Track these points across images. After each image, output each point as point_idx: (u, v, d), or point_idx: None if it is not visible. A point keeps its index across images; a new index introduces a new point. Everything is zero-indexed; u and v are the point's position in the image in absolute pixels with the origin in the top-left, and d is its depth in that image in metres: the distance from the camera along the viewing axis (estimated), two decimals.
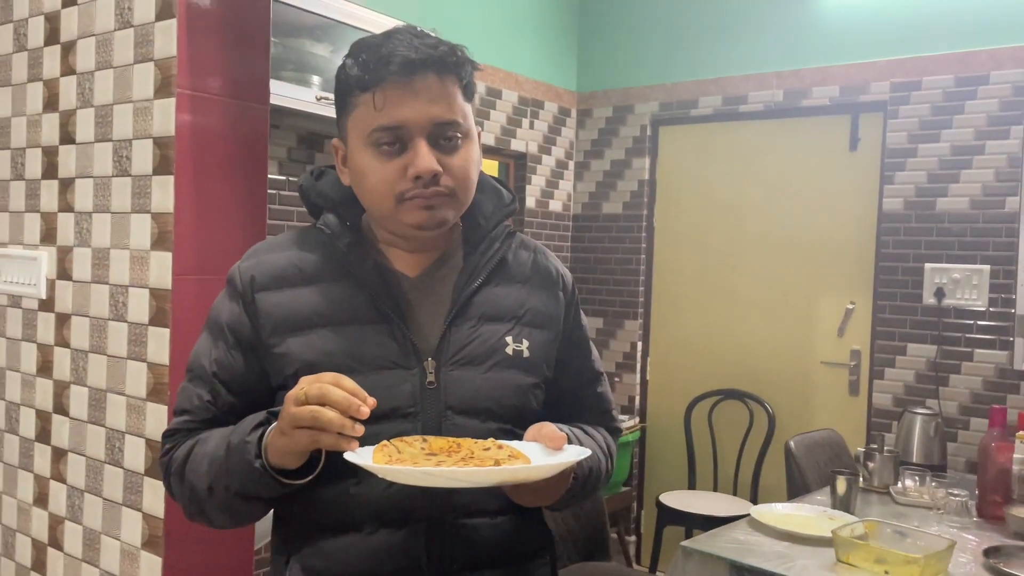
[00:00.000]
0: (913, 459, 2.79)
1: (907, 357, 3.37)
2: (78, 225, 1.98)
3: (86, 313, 1.96)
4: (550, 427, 1.03)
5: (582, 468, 1.10)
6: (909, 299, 3.36)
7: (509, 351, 1.11)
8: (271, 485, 0.99)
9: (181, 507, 1.12)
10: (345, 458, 0.92)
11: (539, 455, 0.99)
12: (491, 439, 1.03)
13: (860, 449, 2.70)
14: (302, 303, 1.09)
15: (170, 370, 1.76)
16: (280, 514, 1.13)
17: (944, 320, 3.28)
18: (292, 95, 2.47)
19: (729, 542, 2.07)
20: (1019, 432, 2.34)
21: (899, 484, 2.56)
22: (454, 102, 1.07)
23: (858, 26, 3.50)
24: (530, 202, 4.06)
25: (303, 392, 0.92)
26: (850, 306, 3.59)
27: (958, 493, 2.39)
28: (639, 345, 4.16)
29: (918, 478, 2.55)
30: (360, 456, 0.92)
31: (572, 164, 4.35)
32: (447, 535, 1.06)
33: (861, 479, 2.58)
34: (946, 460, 2.87)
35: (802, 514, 2.26)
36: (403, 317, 1.09)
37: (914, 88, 3.36)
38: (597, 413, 1.26)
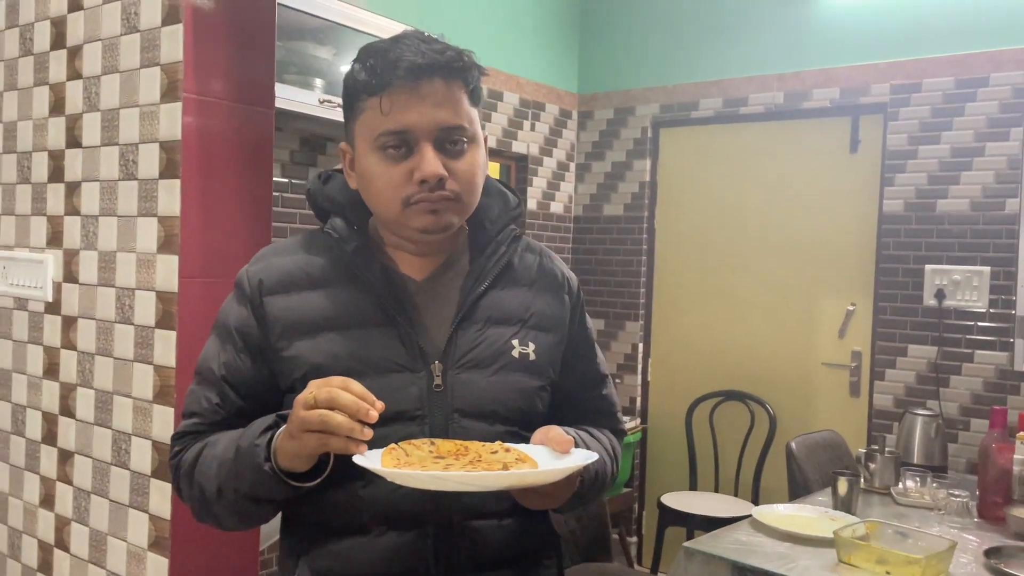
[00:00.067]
0: (914, 460, 2.79)
1: (908, 358, 3.38)
2: (84, 228, 1.99)
3: (92, 316, 1.97)
4: (557, 430, 1.04)
5: (588, 471, 1.10)
6: (910, 300, 3.37)
7: (515, 354, 1.12)
8: (280, 488, 1.00)
9: (190, 508, 1.13)
10: (354, 462, 0.92)
11: (546, 458, 1.00)
12: (498, 442, 1.04)
13: (861, 450, 2.71)
14: (310, 307, 1.09)
15: (176, 372, 1.77)
16: (289, 516, 1.14)
17: (944, 321, 3.29)
18: (295, 98, 2.48)
19: (731, 543, 2.08)
20: (1019, 433, 2.34)
21: (900, 485, 2.57)
22: (460, 107, 1.08)
23: (858, 28, 3.51)
24: (531, 204, 4.07)
25: (312, 396, 0.93)
26: (851, 307, 3.60)
27: (959, 494, 2.39)
28: (640, 346, 4.17)
29: (919, 479, 2.55)
30: (369, 459, 0.93)
31: (573, 166, 4.36)
32: (455, 537, 1.07)
33: (862, 480, 2.59)
34: (947, 461, 2.88)
35: (804, 515, 2.27)
36: (410, 320, 1.09)
37: (914, 90, 3.37)
38: (602, 415, 1.27)
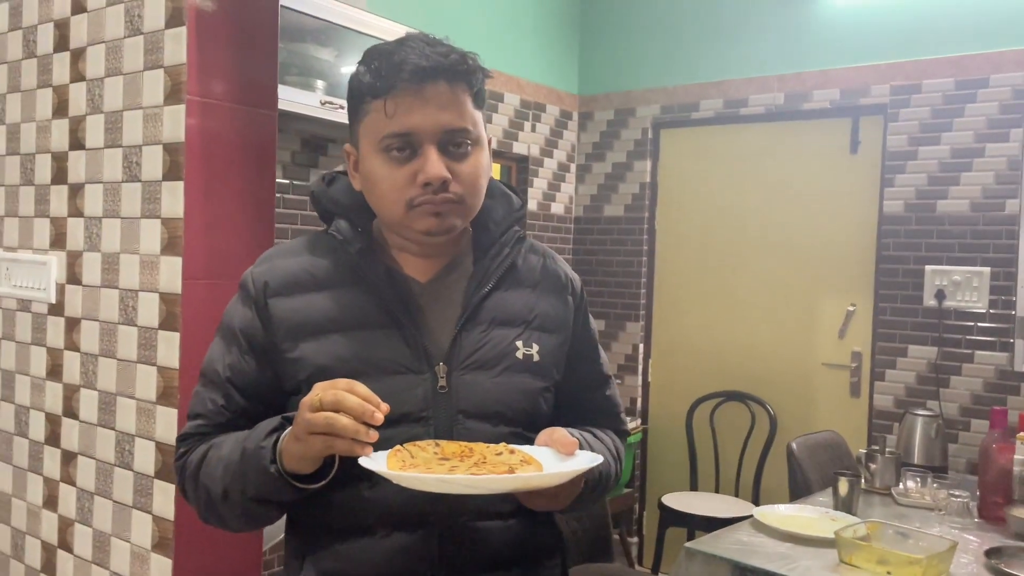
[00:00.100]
0: (914, 460, 2.80)
1: (908, 359, 3.39)
2: (88, 230, 1.99)
3: (96, 317, 1.98)
4: (562, 432, 1.05)
5: (592, 473, 1.10)
6: (910, 301, 3.38)
7: (519, 355, 1.12)
8: (286, 490, 1.00)
9: (196, 510, 1.13)
10: (360, 464, 0.92)
11: (551, 460, 1.00)
12: (503, 443, 1.04)
13: (862, 450, 2.71)
14: (315, 308, 1.10)
15: (180, 373, 1.78)
16: (294, 517, 1.14)
17: (944, 322, 3.29)
18: (296, 99, 2.48)
19: (732, 543, 2.08)
20: (1019, 433, 2.34)
21: (900, 485, 2.57)
22: (464, 110, 1.09)
23: (858, 30, 3.52)
24: (532, 205, 4.07)
25: (318, 398, 0.93)
26: (851, 308, 3.60)
27: (959, 494, 2.40)
28: (641, 347, 4.18)
29: (919, 479, 2.56)
30: (375, 462, 0.93)
31: (574, 167, 4.36)
32: (459, 537, 1.07)
33: (863, 480, 2.59)
34: (947, 461, 2.88)
35: (804, 515, 2.27)
36: (414, 322, 1.10)
37: (914, 91, 3.38)
38: (606, 416, 1.27)
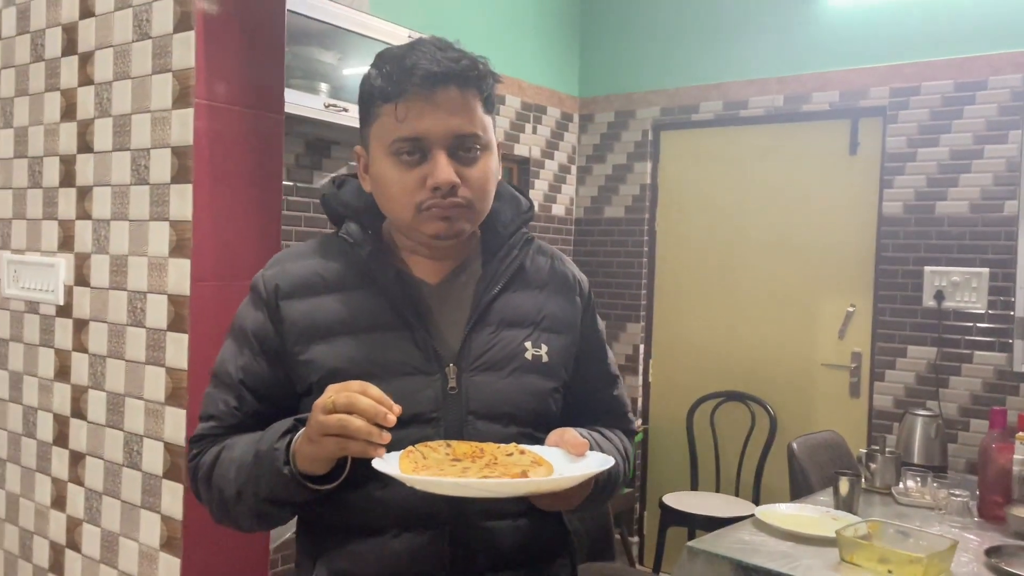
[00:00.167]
0: (914, 460, 2.81)
1: (907, 359, 3.41)
2: (96, 232, 2.00)
3: (104, 319, 1.99)
4: (572, 433, 1.06)
5: (603, 474, 1.10)
6: (909, 302, 3.40)
7: (528, 356, 1.13)
8: (299, 491, 1.01)
9: (209, 511, 1.15)
10: (373, 466, 0.93)
11: (561, 461, 1.01)
12: (513, 444, 1.05)
13: (862, 450, 2.73)
14: (325, 311, 1.11)
15: (188, 374, 1.79)
16: (305, 517, 1.15)
17: (944, 322, 3.31)
18: (300, 102, 2.50)
19: (734, 542, 2.10)
20: (1019, 433, 2.36)
21: (901, 485, 2.59)
22: (474, 115, 1.09)
23: (858, 32, 3.54)
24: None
25: (331, 400, 0.94)
26: (850, 308, 3.62)
27: (959, 494, 2.41)
28: (641, 348, 4.19)
29: (919, 479, 2.57)
30: (387, 463, 0.94)
31: (574, 168, 4.38)
32: (470, 537, 1.08)
33: (863, 480, 2.61)
34: (947, 461, 2.90)
35: (806, 514, 2.29)
36: (424, 324, 1.11)
37: (913, 93, 3.39)
38: (614, 416, 1.29)
